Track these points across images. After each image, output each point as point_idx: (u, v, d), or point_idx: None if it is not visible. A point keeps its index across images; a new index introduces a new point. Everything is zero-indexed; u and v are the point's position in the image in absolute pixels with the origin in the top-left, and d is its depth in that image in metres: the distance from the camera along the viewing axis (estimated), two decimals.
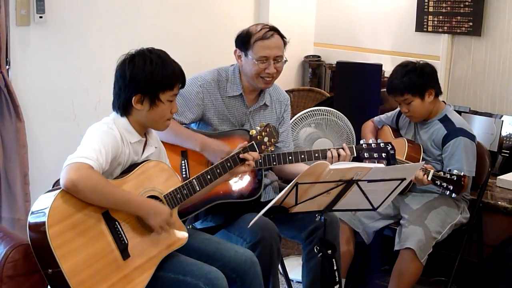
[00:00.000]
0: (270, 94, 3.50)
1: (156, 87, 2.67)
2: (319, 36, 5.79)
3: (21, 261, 2.48)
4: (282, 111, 3.55)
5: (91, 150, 2.50)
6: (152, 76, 2.65)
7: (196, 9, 4.98)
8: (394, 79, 3.68)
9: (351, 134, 4.07)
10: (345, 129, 4.07)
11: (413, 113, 3.69)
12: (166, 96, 2.70)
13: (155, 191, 2.69)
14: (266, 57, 3.27)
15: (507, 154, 4.52)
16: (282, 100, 3.55)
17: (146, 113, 2.70)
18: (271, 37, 3.28)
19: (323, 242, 2.90)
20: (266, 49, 3.27)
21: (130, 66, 2.67)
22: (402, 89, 3.63)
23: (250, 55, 3.29)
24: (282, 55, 3.33)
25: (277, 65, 3.31)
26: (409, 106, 3.67)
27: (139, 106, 2.68)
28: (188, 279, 2.65)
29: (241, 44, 3.34)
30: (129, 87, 2.67)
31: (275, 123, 3.50)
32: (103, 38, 4.37)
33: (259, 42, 3.27)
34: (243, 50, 3.33)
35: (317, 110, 4.07)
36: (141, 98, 2.68)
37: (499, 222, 4.01)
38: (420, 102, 3.65)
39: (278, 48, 3.30)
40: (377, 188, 2.80)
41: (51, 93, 4.16)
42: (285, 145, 3.54)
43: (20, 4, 3.91)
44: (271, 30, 3.31)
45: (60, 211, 2.41)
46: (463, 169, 3.52)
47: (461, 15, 4.86)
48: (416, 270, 3.52)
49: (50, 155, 4.13)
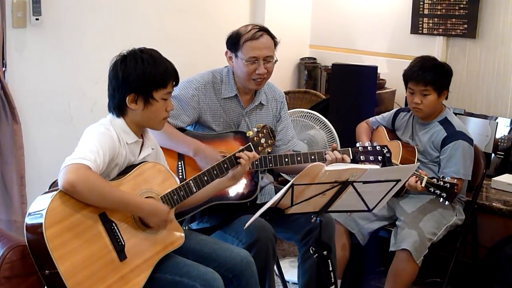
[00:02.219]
0: (266, 92, 3.49)
1: (149, 86, 2.68)
2: (315, 38, 5.80)
3: (18, 262, 2.48)
4: (278, 109, 3.54)
5: (89, 151, 2.51)
6: (144, 75, 2.66)
7: (192, 11, 4.98)
8: (420, 68, 3.67)
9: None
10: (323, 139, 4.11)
11: (424, 106, 3.68)
12: (159, 94, 2.71)
13: (152, 193, 2.70)
14: (256, 57, 3.26)
15: (501, 156, 4.54)
16: (278, 98, 3.55)
17: (141, 112, 2.71)
18: (260, 37, 3.27)
19: (319, 243, 2.91)
20: (255, 49, 3.26)
21: (122, 66, 2.68)
22: (428, 80, 3.64)
23: (240, 56, 3.28)
24: (272, 55, 3.32)
25: (267, 66, 3.29)
26: (424, 98, 3.66)
27: (133, 106, 2.69)
28: (184, 280, 2.66)
29: (231, 45, 3.34)
30: (122, 87, 2.68)
31: (271, 121, 3.51)
32: (99, 40, 4.37)
33: (248, 43, 3.26)
34: (233, 51, 3.33)
35: (308, 113, 4.10)
36: (135, 98, 2.68)
37: (494, 223, 4.02)
38: (435, 98, 3.67)
39: (268, 48, 3.29)
40: (372, 189, 2.81)
41: (48, 95, 4.16)
42: (283, 143, 3.54)
43: (17, 6, 3.91)
44: (261, 31, 3.29)
45: (57, 212, 2.42)
46: (460, 172, 3.53)
47: (456, 18, 4.88)
48: (411, 271, 3.53)
49: (46, 157, 4.13)
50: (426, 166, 3.72)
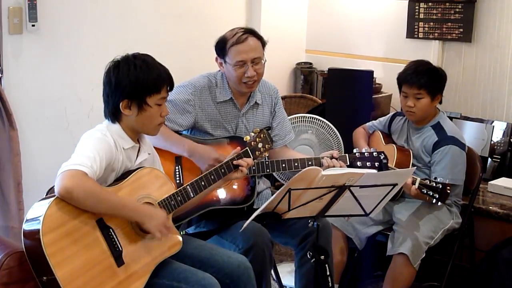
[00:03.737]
0: (260, 91, 3.49)
1: (142, 91, 2.68)
2: (311, 43, 5.81)
3: (15, 268, 2.47)
4: (273, 104, 3.55)
5: (85, 157, 2.51)
6: (136, 80, 2.66)
7: (188, 17, 4.98)
8: (414, 71, 3.69)
9: (339, 145, 4.11)
10: (333, 141, 4.10)
11: (417, 109, 3.69)
12: (153, 100, 2.70)
13: (149, 198, 2.70)
14: (243, 61, 3.26)
15: (498, 160, 4.54)
16: (272, 94, 3.55)
17: (136, 118, 2.71)
18: (245, 41, 3.26)
19: (316, 247, 2.92)
20: (241, 53, 3.26)
21: (115, 72, 2.69)
22: (422, 84, 3.65)
23: (228, 61, 3.29)
24: (260, 56, 3.31)
25: (256, 67, 3.29)
26: (417, 101, 3.68)
27: (127, 112, 2.69)
28: (182, 286, 2.66)
29: (219, 51, 3.34)
30: (116, 93, 2.68)
31: (268, 119, 3.51)
32: (95, 46, 4.37)
33: (233, 47, 3.26)
34: (221, 57, 3.33)
35: (309, 117, 4.09)
36: (128, 103, 2.69)
37: (490, 227, 4.03)
38: (429, 102, 3.68)
39: (254, 50, 3.28)
40: (369, 194, 2.82)
41: (44, 101, 4.16)
42: (280, 138, 3.54)
43: (13, 13, 3.91)
44: (246, 33, 3.28)
45: (55, 218, 2.42)
46: (447, 177, 3.53)
47: (452, 22, 4.89)
48: (409, 275, 3.53)
49: (43, 163, 4.13)
50: (420, 170, 3.72)
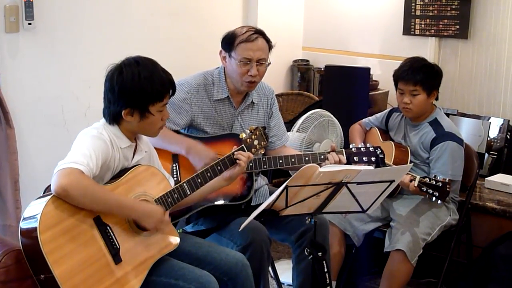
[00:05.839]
0: (256, 90, 3.49)
1: (145, 101, 2.67)
2: (308, 40, 5.82)
3: (13, 266, 2.47)
4: (269, 105, 3.55)
5: (81, 155, 2.51)
6: (141, 91, 2.64)
7: (185, 14, 4.98)
8: (410, 68, 3.70)
9: (341, 134, 4.11)
10: (335, 129, 4.10)
11: (413, 106, 3.70)
12: (156, 108, 2.70)
13: (146, 196, 2.70)
14: (249, 59, 3.27)
15: (495, 156, 4.56)
16: (268, 94, 3.56)
17: (137, 124, 2.71)
18: (255, 40, 3.28)
19: (314, 244, 2.91)
20: (249, 51, 3.27)
21: (118, 80, 2.65)
22: (417, 80, 3.66)
23: (234, 56, 3.30)
24: (266, 58, 3.33)
25: (259, 68, 3.30)
26: (413, 98, 3.68)
27: (129, 118, 2.68)
28: (180, 283, 2.66)
29: (226, 45, 3.35)
30: (118, 102, 2.66)
31: (263, 119, 3.52)
32: (92, 44, 4.37)
33: (242, 44, 3.28)
34: (227, 51, 3.34)
35: (314, 113, 4.07)
36: (131, 111, 2.67)
37: (487, 223, 4.04)
38: (425, 98, 3.68)
39: (262, 51, 3.30)
40: (367, 190, 2.82)
41: (41, 99, 4.16)
42: (278, 139, 3.55)
43: (9, 11, 3.90)
44: (256, 33, 3.31)
45: (52, 216, 2.42)
46: (448, 173, 3.54)
47: (448, 18, 4.90)
48: (406, 271, 3.53)
49: (40, 162, 4.13)
50: (418, 167, 3.73)
